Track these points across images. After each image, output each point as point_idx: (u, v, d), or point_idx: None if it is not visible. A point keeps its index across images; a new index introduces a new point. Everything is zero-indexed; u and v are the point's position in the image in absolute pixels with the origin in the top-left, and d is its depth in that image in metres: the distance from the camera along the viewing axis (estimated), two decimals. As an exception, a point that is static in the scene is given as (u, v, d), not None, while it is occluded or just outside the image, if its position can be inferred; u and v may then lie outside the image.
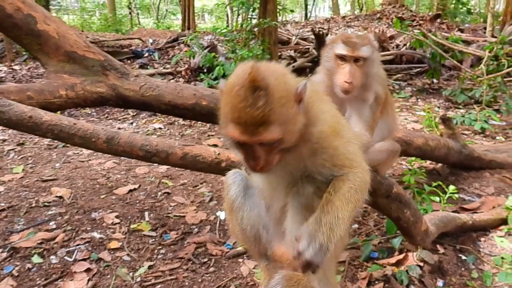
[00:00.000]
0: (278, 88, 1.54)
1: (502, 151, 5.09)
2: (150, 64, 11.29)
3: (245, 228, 2.06)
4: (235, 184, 2.07)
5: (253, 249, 2.13)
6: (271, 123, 1.52)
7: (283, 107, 1.54)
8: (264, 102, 1.50)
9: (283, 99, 1.54)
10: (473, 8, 28.42)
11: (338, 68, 2.53)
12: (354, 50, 2.48)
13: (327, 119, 1.76)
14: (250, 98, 1.50)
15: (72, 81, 3.05)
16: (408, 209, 2.72)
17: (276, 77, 1.56)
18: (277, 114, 1.52)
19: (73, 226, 3.77)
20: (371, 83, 2.55)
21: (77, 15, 32.35)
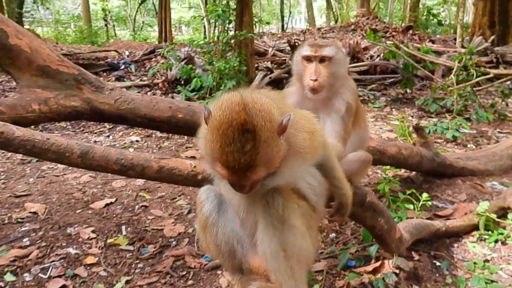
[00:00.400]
0: (264, 128, 1.54)
1: (473, 158, 5.23)
2: (127, 77, 11.22)
3: (220, 244, 2.06)
4: (209, 200, 2.08)
5: (228, 264, 2.13)
6: (257, 165, 1.55)
7: (268, 147, 1.55)
8: (252, 146, 1.52)
9: (268, 139, 1.55)
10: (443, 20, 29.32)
11: (305, 70, 2.64)
12: (317, 50, 2.61)
13: (306, 140, 1.80)
14: (238, 141, 1.51)
15: (45, 95, 3.02)
16: (382, 217, 2.78)
17: (263, 116, 1.56)
18: (262, 156, 1.54)
19: (47, 242, 3.70)
20: (342, 92, 2.63)
21: (51, 27, 31.93)
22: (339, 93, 2.63)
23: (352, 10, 36.49)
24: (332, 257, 3.46)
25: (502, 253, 3.51)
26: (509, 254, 3.49)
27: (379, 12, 34.08)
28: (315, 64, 2.61)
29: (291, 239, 1.84)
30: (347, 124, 2.57)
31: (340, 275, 3.25)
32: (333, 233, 3.88)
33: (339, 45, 2.75)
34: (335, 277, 3.24)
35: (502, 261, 3.41)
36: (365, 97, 9.83)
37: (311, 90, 2.58)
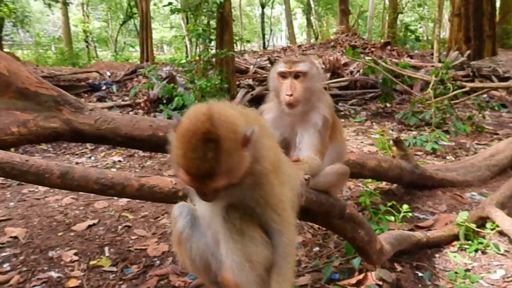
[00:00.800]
0: (227, 138, 1.59)
1: (452, 170, 5.34)
2: (108, 97, 11.19)
3: (194, 258, 2.13)
4: (182, 215, 2.15)
5: (204, 278, 2.20)
6: (218, 174, 1.60)
7: (230, 157, 1.60)
8: (213, 154, 1.56)
9: (231, 149, 1.60)
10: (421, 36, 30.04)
11: (281, 86, 2.69)
12: (292, 66, 2.67)
13: (271, 157, 1.84)
14: (200, 149, 1.56)
15: (24, 118, 3.00)
16: (362, 229, 2.82)
17: (226, 127, 1.60)
18: (224, 165, 1.59)
19: (28, 266, 3.63)
20: (319, 106, 2.69)
21: (31, 50, 31.74)
22: (315, 107, 2.69)
23: (331, 27, 37.20)
24: (316, 271, 3.47)
25: (482, 262, 3.57)
26: (489, 263, 3.55)
27: (358, 29, 34.77)
28: (290, 79, 2.67)
29: (253, 250, 1.90)
30: (324, 137, 2.62)
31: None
32: (317, 247, 3.89)
33: (314, 61, 2.81)
34: (319, 291, 3.25)
35: (483, 270, 3.46)
36: (346, 112, 9.98)
37: (288, 105, 2.64)
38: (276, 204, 1.90)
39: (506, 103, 10.62)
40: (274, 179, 1.86)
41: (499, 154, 5.61)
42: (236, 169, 1.66)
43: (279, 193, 1.90)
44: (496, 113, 9.74)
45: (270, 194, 1.87)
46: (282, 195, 1.92)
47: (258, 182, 1.83)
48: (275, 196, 1.89)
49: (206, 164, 1.56)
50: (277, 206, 1.91)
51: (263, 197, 1.87)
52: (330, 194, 2.66)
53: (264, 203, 1.88)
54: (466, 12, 16.18)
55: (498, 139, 7.29)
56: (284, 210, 1.94)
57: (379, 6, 38.39)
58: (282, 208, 1.93)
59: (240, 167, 1.67)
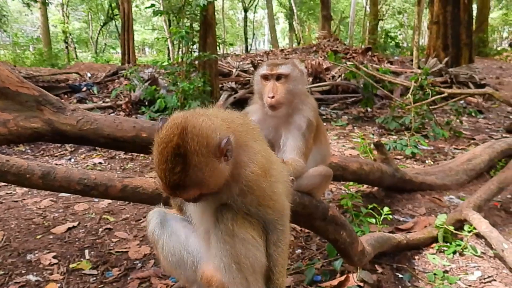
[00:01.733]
0: (196, 153, 1.63)
1: (431, 173, 5.44)
2: (89, 99, 11.03)
3: (166, 256, 2.17)
4: (153, 219, 2.21)
5: (180, 276, 2.24)
6: (187, 186, 1.66)
7: (200, 170, 1.64)
8: (181, 168, 1.62)
9: (201, 163, 1.64)
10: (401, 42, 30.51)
11: (264, 88, 2.72)
12: (273, 68, 2.71)
13: (258, 160, 1.87)
14: (170, 162, 1.62)
15: (4, 117, 2.95)
16: (344, 231, 2.85)
17: (198, 141, 1.63)
18: (193, 178, 1.64)
19: (5, 270, 3.56)
20: (303, 108, 2.72)
21: (8, 50, 31.08)
22: (299, 110, 2.71)
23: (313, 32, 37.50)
24: (298, 273, 3.49)
25: (460, 263, 3.65)
26: (466, 264, 3.63)
27: (339, 34, 35.24)
28: (272, 82, 2.69)
29: (243, 252, 1.93)
30: (308, 140, 2.65)
31: (306, 290, 3.29)
32: (299, 249, 3.92)
33: (296, 63, 2.84)
34: (301, 292, 3.27)
35: (460, 271, 3.54)
36: (328, 116, 10.06)
37: (270, 107, 2.66)
38: (267, 205, 1.97)
39: (483, 109, 10.89)
40: (264, 183, 1.91)
41: (476, 158, 5.74)
42: (210, 180, 1.70)
43: (270, 193, 1.96)
44: (473, 119, 9.96)
45: (261, 198, 1.93)
46: (274, 195, 1.99)
47: (247, 189, 1.86)
48: (267, 197, 1.95)
49: (175, 177, 1.63)
50: (268, 205, 1.98)
51: (254, 202, 1.92)
52: (313, 196, 2.68)
53: (256, 204, 1.94)
54: (444, 21, 16.54)
55: (475, 144, 7.46)
56: (277, 202, 2.01)
57: (360, 12, 38.95)
58: (274, 205, 2.00)
59: (216, 177, 1.72)
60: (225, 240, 1.90)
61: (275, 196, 1.99)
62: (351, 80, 10.77)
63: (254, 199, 1.91)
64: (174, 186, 1.65)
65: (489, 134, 8.56)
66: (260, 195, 1.92)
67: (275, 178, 2.00)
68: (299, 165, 2.51)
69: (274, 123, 2.75)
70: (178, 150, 1.61)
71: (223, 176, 1.75)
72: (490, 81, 14.22)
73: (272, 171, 1.97)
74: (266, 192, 1.94)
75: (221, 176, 1.74)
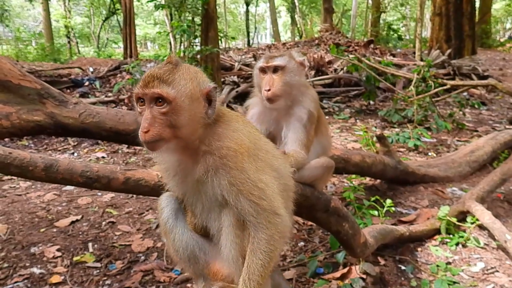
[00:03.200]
0: (186, 72, 1.79)
1: (433, 166, 5.43)
2: (91, 93, 11.02)
3: (177, 249, 2.13)
4: (168, 207, 2.14)
5: (189, 269, 2.20)
6: (166, 82, 1.72)
7: (183, 83, 1.75)
8: (169, 69, 1.76)
9: (188, 81, 1.76)
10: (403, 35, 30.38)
11: (262, 81, 2.72)
12: (269, 61, 2.70)
13: (236, 137, 1.81)
14: (161, 65, 1.79)
15: (6, 110, 2.95)
16: (346, 222, 2.85)
17: (193, 71, 1.82)
18: (175, 81, 1.73)
19: (10, 263, 3.59)
20: (303, 100, 2.71)
21: (11, 45, 31.05)
22: (299, 102, 2.70)
23: (316, 25, 37.38)
24: (301, 265, 3.51)
25: (463, 255, 3.65)
26: (469, 256, 3.64)
27: (341, 27, 35.03)
28: (269, 74, 2.69)
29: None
30: (309, 131, 2.64)
31: (309, 282, 3.30)
32: (302, 242, 3.93)
33: (293, 55, 2.82)
34: (304, 284, 3.28)
35: (463, 263, 3.55)
36: (330, 109, 10.04)
37: (267, 100, 2.65)
38: (250, 192, 1.77)
39: (486, 101, 10.85)
40: (245, 163, 1.78)
41: (479, 150, 5.72)
42: (188, 102, 1.73)
43: (254, 179, 1.79)
44: (476, 110, 9.94)
45: (241, 180, 1.77)
46: (259, 182, 1.80)
47: (223, 163, 1.76)
48: (248, 182, 1.77)
49: (160, 71, 1.75)
50: (252, 194, 1.78)
51: (233, 184, 1.76)
52: (315, 188, 2.69)
53: (236, 192, 1.77)
54: (447, 12, 16.45)
55: (477, 136, 7.45)
56: (262, 199, 1.79)
57: (363, 5, 38.72)
58: (259, 196, 1.79)
59: (193, 108, 1.75)
60: (236, 234, 1.86)
61: (261, 184, 1.81)
62: (353, 73, 10.73)
63: (232, 180, 1.76)
64: (154, 77, 1.72)
65: (492, 125, 8.54)
66: (239, 177, 1.76)
67: (263, 165, 1.87)
68: (301, 156, 2.51)
69: (274, 115, 2.74)
70: (171, 59, 1.81)
71: (195, 120, 1.76)
72: (493, 73, 14.16)
73: (259, 155, 1.87)
74: (248, 176, 1.78)
75: (198, 116, 1.77)
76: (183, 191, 1.99)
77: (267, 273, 1.82)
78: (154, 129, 1.70)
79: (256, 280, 1.78)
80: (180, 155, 1.85)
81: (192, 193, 1.94)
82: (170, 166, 1.94)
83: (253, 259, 1.80)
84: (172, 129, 1.72)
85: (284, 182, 2.03)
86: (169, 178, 1.99)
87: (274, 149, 2.09)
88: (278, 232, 1.83)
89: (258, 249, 1.80)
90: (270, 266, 1.82)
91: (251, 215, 1.80)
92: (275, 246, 1.82)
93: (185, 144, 1.79)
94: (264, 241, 1.80)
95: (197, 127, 1.77)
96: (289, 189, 2.11)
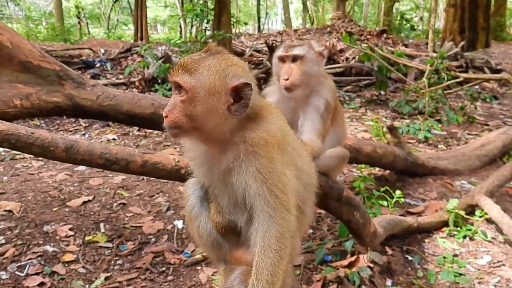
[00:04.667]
0: (216, 64, 1.74)
1: (443, 158, 5.43)
2: (103, 75, 11.07)
3: (202, 236, 2.17)
4: (194, 194, 2.16)
5: (211, 254, 2.24)
6: (189, 71, 1.71)
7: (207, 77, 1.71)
8: (199, 58, 1.76)
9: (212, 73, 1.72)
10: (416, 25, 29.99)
11: (280, 70, 2.72)
12: (288, 50, 2.70)
13: (270, 129, 1.81)
14: (196, 53, 1.82)
15: (27, 91, 3.00)
16: (357, 212, 2.89)
17: (223, 60, 1.77)
18: (198, 71, 1.72)
19: (23, 240, 3.67)
20: (321, 90, 2.72)
21: (21, 24, 31.10)
22: (317, 91, 2.72)
23: (327, 13, 36.94)
24: (309, 252, 3.56)
25: (470, 248, 3.68)
26: (476, 249, 3.66)
27: (354, 15, 34.62)
28: (288, 64, 2.69)
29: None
30: (326, 121, 2.66)
31: (317, 269, 3.36)
32: (310, 229, 3.98)
33: (313, 45, 2.81)
34: (312, 271, 3.34)
35: (470, 256, 3.58)
36: (341, 98, 10.00)
37: (285, 89, 2.66)
38: (275, 183, 1.76)
39: (498, 95, 10.75)
40: (275, 154, 1.79)
41: (489, 144, 5.71)
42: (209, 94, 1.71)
43: (280, 172, 1.78)
44: (487, 104, 9.86)
45: (269, 169, 1.76)
46: (284, 176, 1.80)
47: (254, 151, 1.76)
48: (275, 173, 1.77)
49: (188, 60, 1.75)
50: (276, 186, 1.77)
51: (260, 171, 1.75)
52: (329, 177, 2.72)
53: (262, 180, 1.75)
54: (461, 3, 16.21)
55: (488, 130, 7.42)
56: (284, 193, 1.79)
57: (376, -7, 38.22)
58: (281, 190, 1.78)
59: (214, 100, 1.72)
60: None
61: (285, 178, 1.81)
62: (365, 62, 10.66)
63: (260, 168, 1.75)
64: (181, 66, 1.74)
65: (503, 120, 8.48)
66: (268, 166, 1.76)
67: (289, 160, 1.89)
68: (317, 146, 2.54)
69: (292, 104, 2.76)
70: (208, 52, 1.81)
71: (214, 114, 1.73)
72: (506, 67, 13.97)
73: (287, 150, 1.89)
74: (275, 167, 1.77)
75: (211, 111, 1.72)
76: (209, 181, 1.99)
77: (277, 273, 1.77)
78: (172, 115, 1.72)
79: (265, 279, 1.75)
80: (207, 146, 1.85)
81: (219, 185, 1.94)
82: (197, 155, 1.95)
83: (262, 258, 1.76)
84: (189, 118, 1.72)
85: (306, 178, 2.04)
86: (196, 167, 2.00)
87: (301, 147, 2.10)
88: (289, 231, 1.82)
89: (268, 247, 1.77)
90: (281, 265, 1.79)
91: (270, 206, 1.77)
92: (285, 245, 1.80)
93: (210, 137, 1.79)
94: (274, 238, 1.77)
95: (219, 121, 1.74)
96: (312, 185, 2.13)
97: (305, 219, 2.15)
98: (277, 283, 1.78)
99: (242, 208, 1.92)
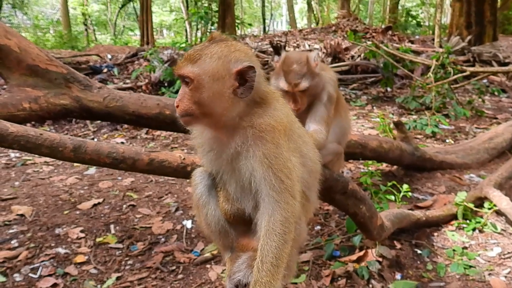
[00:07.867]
0: (219, 50, 1.78)
1: (451, 152, 5.41)
2: (110, 80, 11.16)
3: (209, 224, 2.19)
4: (201, 183, 2.18)
5: (218, 242, 2.26)
6: (192, 61, 1.76)
7: (210, 64, 1.75)
8: (201, 47, 1.80)
9: (215, 60, 1.76)
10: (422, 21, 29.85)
11: (285, 96, 2.54)
12: (294, 87, 2.60)
13: (276, 115, 1.85)
14: (199, 45, 1.85)
15: (35, 94, 3.06)
16: (363, 205, 2.89)
17: (226, 46, 1.81)
18: (201, 60, 1.76)
19: (36, 243, 3.73)
20: (324, 86, 2.72)
21: (30, 33, 31.46)
22: (321, 87, 2.72)
23: (332, 12, 36.91)
24: (318, 248, 3.58)
25: (480, 240, 3.67)
26: (486, 241, 3.65)
27: (359, 13, 34.54)
28: (293, 95, 2.63)
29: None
30: (329, 110, 2.67)
31: (325, 264, 3.37)
32: (318, 226, 3.99)
33: (310, 61, 2.65)
34: (321, 266, 3.35)
35: (480, 248, 3.57)
36: (347, 96, 10.00)
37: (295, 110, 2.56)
38: (280, 169, 1.80)
39: (506, 88, 10.67)
40: (281, 140, 1.83)
41: (498, 137, 5.68)
42: (207, 80, 1.75)
43: (286, 157, 1.83)
44: (495, 98, 9.79)
45: (275, 154, 1.80)
46: (289, 162, 1.84)
47: (261, 136, 1.80)
48: (281, 158, 1.81)
49: (193, 51, 1.81)
50: (282, 171, 1.80)
51: (266, 156, 1.79)
52: (331, 171, 2.73)
53: (268, 164, 1.79)
54: (468, -3, 16.10)
55: (497, 123, 7.36)
56: (289, 179, 1.82)
57: (381, -9, 38.08)
58: (287, 175, 1.82)
59: (218, 87, 1.76)
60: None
61: (290, 164, 1.85)
62: (370, 59, 10.64)
63: (266, 153, 1.79)
64: (186, 58, 1.79)
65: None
66: (274, 152, 1.80)
67: (294, 147, 1.94)
68: (321, 136, 2.54)
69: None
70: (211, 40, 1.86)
71: (221, 99, 1.77)
72: (514, 60, 13.85)
73: (292, 136, 1.94)
74: (282, 152, 1.81)
75: (218, 95, 1.76)
76: (217, 168, 2.02)
77: (282, 256, 1.81)
78: (182, 104, 1.78)
79: (269, 261, 1.78)
80: (217, 132, 1.89)
81: (227, 171, 1.97)
82: (205, 141, 1.98)
83: (267, 241, 1.80)
84: (198, 105, 1.77)
85: (311, 165, 2.08)
86: (203, 153, 2.03)
87: (306, 135, 2.14)
88: (293, 216, 1.85)
89: (273, 231, 1.80)
90: (285, 249, 1.82)
91: (275, 191, 1.81)
92: (289, 229, 1.83)
93: (219, 123, 1.83)
94: (279, 222, 1.81)
95: (227, 105, 1.78)
96: (316, 172, 2.16)
97: (309, 205, 2.18)
98: (281, 266, 1.81)
99: (249, 194, 1.95)
